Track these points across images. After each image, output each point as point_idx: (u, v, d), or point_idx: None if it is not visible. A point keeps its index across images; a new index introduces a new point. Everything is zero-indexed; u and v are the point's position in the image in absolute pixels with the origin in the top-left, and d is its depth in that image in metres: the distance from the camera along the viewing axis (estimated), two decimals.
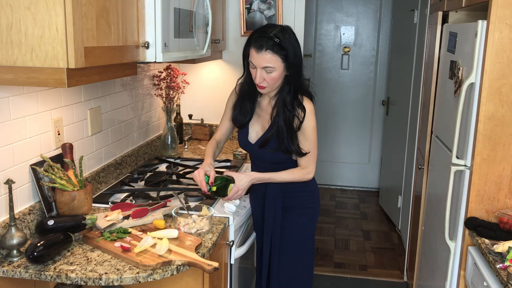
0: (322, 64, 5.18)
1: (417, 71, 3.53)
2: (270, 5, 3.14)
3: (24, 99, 1.72)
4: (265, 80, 1.85)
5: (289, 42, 1.83)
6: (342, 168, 5.37)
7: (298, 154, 1.93)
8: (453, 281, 2.05)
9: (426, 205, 2.76)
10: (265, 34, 1.81)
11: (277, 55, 1.81)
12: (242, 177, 1.91)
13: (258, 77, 1.84)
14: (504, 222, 1.81)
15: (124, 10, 1.62)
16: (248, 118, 2.02)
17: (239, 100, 2.03)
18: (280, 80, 1.88)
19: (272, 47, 1.80)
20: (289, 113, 1.89)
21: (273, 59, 1.81)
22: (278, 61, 1.82)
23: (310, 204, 2.08)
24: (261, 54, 1.81)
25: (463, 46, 2.09)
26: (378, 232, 4.25)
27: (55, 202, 1.83)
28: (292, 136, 1.90)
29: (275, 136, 1.92)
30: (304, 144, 1.93)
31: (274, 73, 1.83)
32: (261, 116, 2.01)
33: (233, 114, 2.06)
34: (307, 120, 1.91)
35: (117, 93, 2.46)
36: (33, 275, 1.49)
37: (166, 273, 1.53)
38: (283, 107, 1.90)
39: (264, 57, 1.80)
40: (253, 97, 2.00)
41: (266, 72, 1.83)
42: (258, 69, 1.83)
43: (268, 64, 1.81)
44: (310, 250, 2.14)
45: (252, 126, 2.02)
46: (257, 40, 1.82)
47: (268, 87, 1.88)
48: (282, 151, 1.93)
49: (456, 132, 2.00)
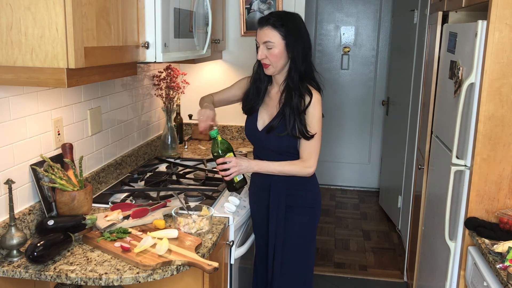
0: (322, 64, 5.18)
1: (417, 71, 3.53)
2: (270, 5, 3.14)
3: (24, 99, 1.73)
4: (267, 58, 1.91)
5: (292, 22, 1.92)
6: (342, 168, 5.37)
7: (305, 137, 1.92)
8: (453, 281, 2.05)
9: (426, 205, 2.76)
10: (268, 15, 1.94)
11: (276, 31, 1.88)
12: (243, 159, 1.95)
13: (260, 53, 1.93)
14: (504, 222, 1.81)
15: (124, 10, 1.62)
16: (259, 102, 2.05)
17: (252, 83, 2.08)
18: (282, 61, 1.92)
19: (272, 23, 1.89)
20: (296, 96, 1.91)
21: (272, 34, 1.88)
22: (277, 36, 1.88)
23: (312, 203, 2.08)
24: (262, 30, 1.91)
25: (463, 46, 2.09)
26: (378, 232, 4.25)
27: (55, 202, 1.83)
28: (300, 116, 1.91)
29: (282, 119, 1.94)
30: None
31: (274, 49, 1.89)
32: (269, 105, 2.03)
33: (245, 94, 2.10)
34: (312, 108, 1.92)
35: (117, 93, 2.46)
36: (33, 275, 1.49)
37: (166, 273, 1.53)
38: (290, 91, 1.93)
39: (264, 32, 1.90)
40: (265, 80, 2.05)
41: (267, 48, 1.90)
42: (261, 46, 1.92)
43: (268, 38, 1.89)
44: (311, 250, 2.13)
45: (260, 114, 2.05)
46: (261, 20, 1.95)
47: (271, 66, 1.93)
48: (289, 135, 1.93)
49: (456, 132, 2.00)
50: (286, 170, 1.96)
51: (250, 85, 2.09)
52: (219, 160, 1.91)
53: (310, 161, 1.96)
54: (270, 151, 2.01)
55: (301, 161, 1.96)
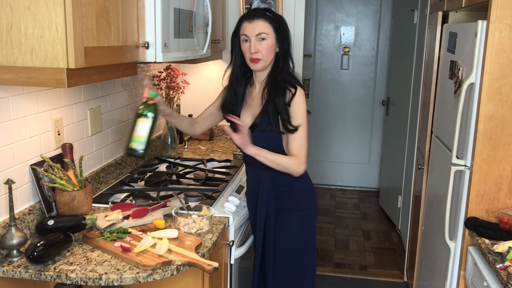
0: (322, 64, 5.18)
1: (417, 71, 3.53)
2: (270, 5, 3.14)
3: (24, 99, 1.73)
4: (259, 52, 1.88)
5: (280, 18, 1.95)
6: (342, 168, 5.37)
7: (288, 130, 1.88)
8: (453, 281, 2.05)
9: (426, 205, 2.76)
10: (255, 9, 1.97)
11: (269, 23, 1.89)
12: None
13: (252, 46, 1.88)
14: (504, 222, 1.81)
15: (124, 10, 1.62)
16: (239, 105, 2.01)
17: (229, 86, 2.04)
18: (272, 55, 1.92)
19: (264, 16, 1.89)
20: (279, 91, 1.89)
21: (266, 26, 1.88)
22: (270, 29, 1.89)
23: (306, 206, 2.05)
24: (253, 22, 1.88)
25: (463, 46, 2.09)
26: (378, 232, 4.25)
27: (55, 202, 1.83)
28: (284, 110, 1.88)
29: (266, 115, 1.91)
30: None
31: (267, 41, 1.88)
32: (252, 105, 2.00)
33: (223, 100, 2.06)
34: (295, 102, 1.89)
35: (117, 93, 2.46)
36: (33, 275, 1.49)
37: (166, 273, 1.53)
38: (272, 87, 1.91)
39: (257, 24, 1.88)
40: (242, 83, 2.01)
41: (260, 41, 1.88)
42: (252, 39, 1.88)
43: (262, 30, 1.87)
44: (309, 254, 2.09)
45: (243, 116, 2.01)
46: (248, 14, 1.92)
47: (262, 60, 1.90)
48: (273, 129, 1.89)
49: (456, 132, 2.00)
50: (279, 161, 1.89)
51: (227, 88, 2.05)
52: (233, 117, 1.88)
53: (301, 157, 1.90)
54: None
55: (293, 157, 1.91)
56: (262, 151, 1.89)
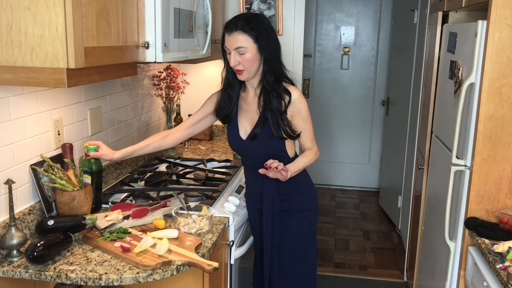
0: (322, 64, 5.18)
1: (417, 71, 3.53)
2: (270, 5, 3.14)
3: (24, 99, 1.73)
4: (240, 64, 1.86)
5: (261, 25, 1.85)
6: (342, 168, 5.37)
7: (291, 137, 1.93)
8: (453, 281, 2.05)
9: (426, 205, 2.76)
10: (235, 19, 1.86)
11: (248, 35, 1.82)
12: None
13: (232, 60, 1.85)
14: (504, 222, 1.81)
15: (124, 10, 1.62)
16: (233, 109, 2.00)
17: (223, 91, 2.03)
18: (256, 64, 1.88)
19: (242, 27, 1.82)
20: (275, 98, 1.89)
21: (243, 39, 1.82)
22: (249, 41, 1.83)
23: (309, 207, 2.07)
24: (232, 35, 1.83)
25: (463, 46, 2.09)
26: (378, 232, 4.25)
27: (55, 202, 1.83)
28: (282, 117, 1.90)
29: (266, 124, 1.91)
30: (304, 126, 1.95)
31: (247, 54, 1.84)
32: (249, 112, 1.99)
33: (217, 104, 2.04)
34: (299, 103, 1.92)
35: (117, 93, 2.46)
36: (33, 275, 1.49)
37: (166, 273, 1.53)
38: (268, 93, 1.90)
39: (235, 38, 1.82)
40: (236, 86, 2.00)
41: (239, 54, 1.84)
42: (232, 52, 1.84)
43: (240, 44, 1.82)
44: (311, 253, 2.11)
45: (240, 122, 2.00)
46: (228, 25, 1.86)
47: (246, 71, 1.88)
48: (276, 137, 1.91)
49: (456, 132, 2.00)
50: (307, 163, 1.97)
51: (221, 94, 2.03)
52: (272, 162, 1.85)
53: (316, 147, 2.02)
54: (259, 158, 1.94)
55: (310, 150, 2.00)
56: (297, 167, 1.93)
